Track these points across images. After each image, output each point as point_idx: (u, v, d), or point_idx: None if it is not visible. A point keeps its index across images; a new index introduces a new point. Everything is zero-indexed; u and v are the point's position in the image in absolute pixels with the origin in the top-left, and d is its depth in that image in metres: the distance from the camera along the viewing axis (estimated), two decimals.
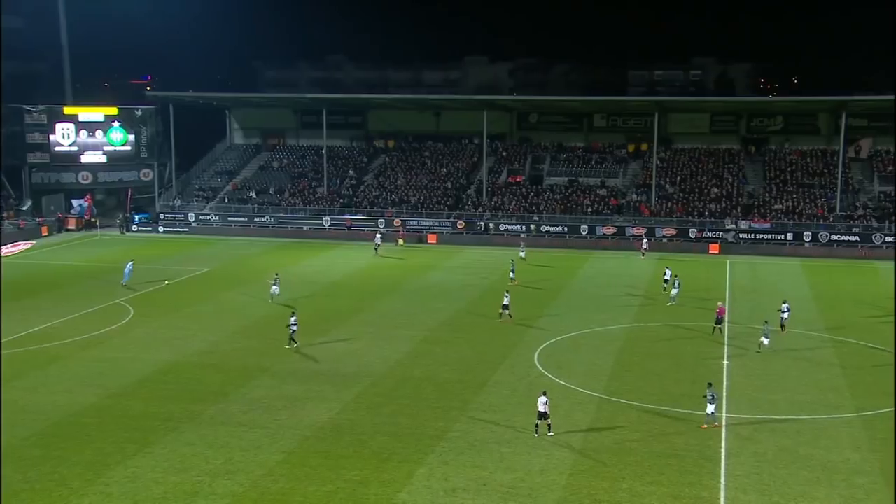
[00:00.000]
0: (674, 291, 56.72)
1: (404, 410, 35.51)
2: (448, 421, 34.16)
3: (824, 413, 35.52)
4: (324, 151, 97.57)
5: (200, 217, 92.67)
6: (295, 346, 44.38)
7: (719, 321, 48.33)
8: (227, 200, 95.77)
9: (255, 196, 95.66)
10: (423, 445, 31.64)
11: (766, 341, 44.11)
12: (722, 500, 27.57)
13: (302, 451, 31.24)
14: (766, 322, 45.35)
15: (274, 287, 56.47)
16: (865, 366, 42.45)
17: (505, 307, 50.94)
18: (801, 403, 36.63)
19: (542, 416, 32.57)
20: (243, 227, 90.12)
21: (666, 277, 60.42)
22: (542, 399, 32.80)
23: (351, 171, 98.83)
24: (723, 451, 31.37)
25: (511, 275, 62.33)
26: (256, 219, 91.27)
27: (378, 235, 79.22)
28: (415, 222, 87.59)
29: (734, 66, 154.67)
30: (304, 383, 38.99)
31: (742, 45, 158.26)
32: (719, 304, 50.59)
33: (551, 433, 32.55)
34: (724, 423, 34.15)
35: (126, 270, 60.73)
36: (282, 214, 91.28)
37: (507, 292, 52.45)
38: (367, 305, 55.44)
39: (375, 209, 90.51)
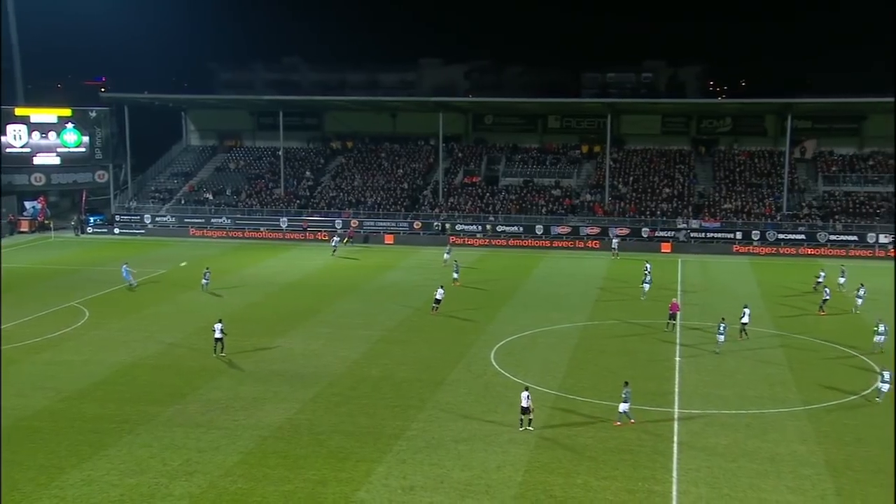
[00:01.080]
0: (645, 286, 58.10)
1: (362, 410, 35.40)
2: (406, 419, 34.13)
3: (772, 407, 36.08)
4: (280, 153, 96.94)
5: (157, 219, 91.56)
6: (222, 355, 42.65)
7: (672, 317, 48.96)
8: (183, 202, 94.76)
9: (211, 197, 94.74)
10: (382, 444, 31.58)
11: (721, 339, 44.53)
12: (674, 493, 27.89)
13: (260, 451, 31.01)
14: (723, 319, 45.85)
15: (204, 280, 58.97)
16: (811, 360, 43.21)
17: (437, 301, 52.79)
18: (750, 398, 37.18)
19: (525, 410, 32.95)
20: (200, 228, 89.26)
21: (647, 271, 61.75)
22: (525, 394, 33.13)
23: (308, 173, 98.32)
24: (675, 445, 31.72)
25: (455, 275, 62.39)
26: (213, 220, 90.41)
27: (335, 238, 78.92)
28: (372, 223, 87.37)
29: (684, 68, 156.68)
30: (262, 384, 38.70)
31: (692, 48, 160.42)
32: (673, 300, 51.30)
33: (531, 427, 32.95)
34: (675, 418, 34.56)
35: (125, 273, 60.34)
36: (239, 216, 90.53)
37: (442, 287, 54.52)
38: (324, 306, 55.20)
39: (332, 210, 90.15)
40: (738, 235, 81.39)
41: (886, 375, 36.74)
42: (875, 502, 27.40)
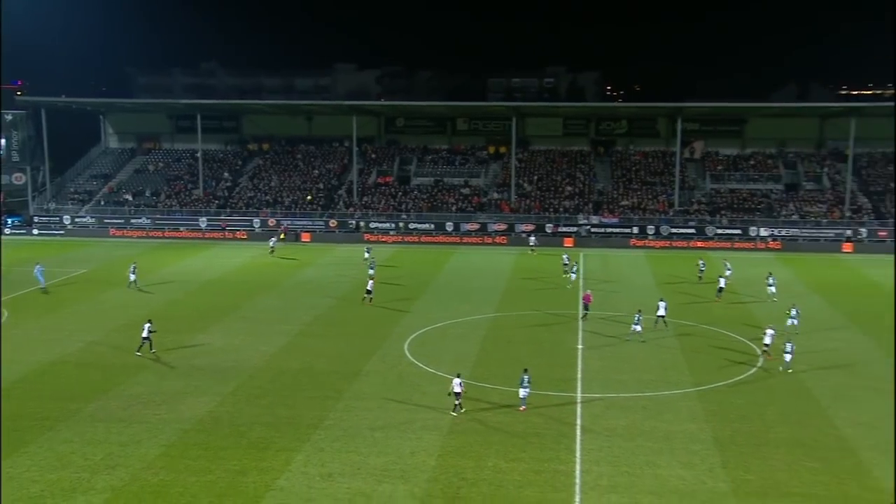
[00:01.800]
0: (572, 276, 59.55)
1: (281, 401, 35.04)
2: (324, 410, 33.92)
3: (666, 389, 37.05)
4: (199, 155, 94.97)
5: (76, 219, 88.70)
6: (152, 351, 41.60)
7: (586, 307, 49.68)
8: (102, 203, 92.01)
9: (131, 198, 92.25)
10: (300, 434, 31.32)
11: (638, 329, 45.20)
12: (577, 472, 28.39)
13: (182, 443, 30.39)
14: (640, 311, 46.63)
15: (132, 276, 58.31)
16: (701, 346, 44.50)
17: (368, 292, 53.69)
18: (646, 382, 38.10)
19: (457, 395, 33.40)
20: (120, 229, 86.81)
21: (564, 262, 63.57)
22: (457, 381, 33.54)
23: (226, 174, 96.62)
24: (578, 428, 32.29)
25: (371, 272, 62.18)
26: (133, 220, 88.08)
27: (273, 239, 77.74)
28: (288, 222, 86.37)
29: (583, 74, 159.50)
30: (184, 378, 37.93)
31: (590, 55, 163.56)
32: (587, 291, 52.15)
33: (462, 410, 33.40)
34: (578, 402, 35.18)
35: (38, 274, 58.08)
36: (158, 216, 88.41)
37: (372, 279, 55.30)
38: (244, 302, 54.40)
39: (251, 210, 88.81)
40: (635, 230, 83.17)
41: (789, 347, 39.56)
42: (757, 472, 28.43)
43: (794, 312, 46.45)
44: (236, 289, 59.08)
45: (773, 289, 55.60)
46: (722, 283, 56.52)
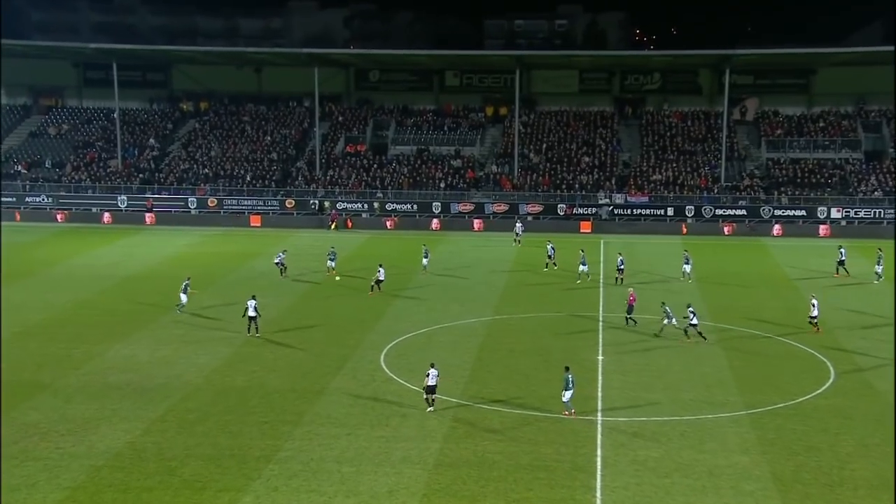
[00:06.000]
0: (582, 268, 60.21)
1: (225, 428, 34.96)
2: (278, 438, 33.87)
3: (710, 412, 37.13)
4: (116, 115, 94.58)
5: None
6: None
7: (630, 310, 49.58)
8: None
9: (25, 171, 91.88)
10: (248, 469, 31.26)
11: (674, 321, 46.49)
12: None
13: (92, 485, 30.20)
14: (663, 303, 47.65)
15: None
16: (753, 357, 44.65)
17: (378, 282, 55.64)
18: (685, 402, 38.17)
19: (431, 390, 34.19)
20: (11, 209, 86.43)
21: (549, 254, 63.84)
22: (433, 371, 34.33)
23: (152, 140, 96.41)
24: (598, 460, 32.33)
25: (330, 263, 62.14)
26: (29, 199, 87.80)
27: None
28: (234, 202, 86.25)
29: (605, 14, 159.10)
30: (96, 401, 37.77)
31: None
32: (630, 289, 51.97)
33: (432, 408, 34.44)
34: (598, 427, 35.23)
35: None
36: (63, 193, 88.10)
37: (381, 266, 56.94)
38: (176, 303, 54.28)
39: (185, 186, 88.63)
40: (670, 212, 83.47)
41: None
42: None
43: None
44: (166, 286, 58.90)
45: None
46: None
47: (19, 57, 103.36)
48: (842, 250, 62.86)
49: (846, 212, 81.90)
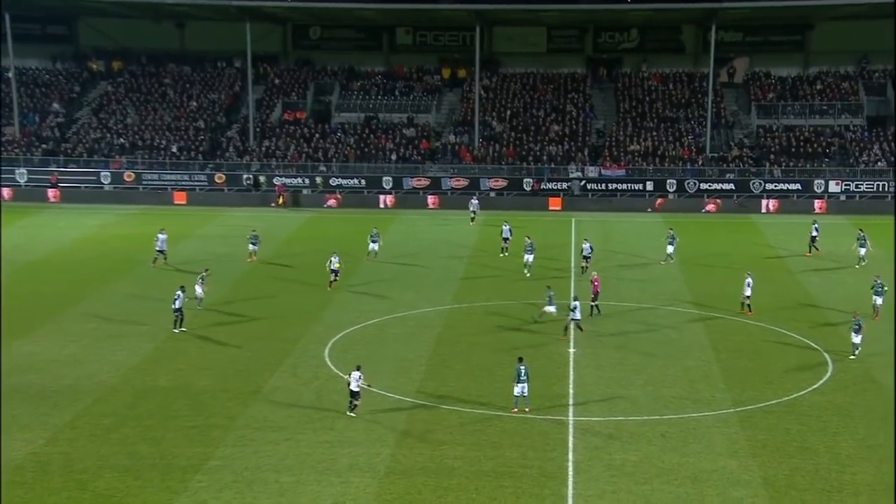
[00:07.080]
0: (527, 258, 59.15)
1: (145, 434, 34.78)
2: (207, 445, 33.76)
3: (694, 410, 37.42)
4: (10, 75, 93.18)
5: None
6: None
7: (596, 297, 49.85)
8: None
9: None
10: (172, 481, 31.12)
11: (554, 310, 47.35)
12: None
13: None
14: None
15: None
16: (743, 348, 45.07)
17: (334, 272, 54.76)
18: (666, 400, 38.46)
19: (354, 395, 34.92)
20: None
21: (505, 236, 63.94)
22: (356, 374, 34.79)
23: (56, 105, 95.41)
24: (570, 465, 32.49)
25: (252, 247, 61.80)
26: None
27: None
28: (155, 176, 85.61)
29: None
30: None
31: None
32: (594, 273, 52.36)
33: (353, 413, 35.08)
34: (570, 428, 35.39)
35: None
36: None
37: (336, 254, 55.58)
38: (87, 292, 53.97)
39: (97, 158, 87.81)
40: (649, 186, 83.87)
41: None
42: None
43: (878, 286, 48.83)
44: (75, 273, 58.59)
45: (863, 251, 59.77)
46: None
47: None
48: (815, 226, 63.70)
49: (846, 185, 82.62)
